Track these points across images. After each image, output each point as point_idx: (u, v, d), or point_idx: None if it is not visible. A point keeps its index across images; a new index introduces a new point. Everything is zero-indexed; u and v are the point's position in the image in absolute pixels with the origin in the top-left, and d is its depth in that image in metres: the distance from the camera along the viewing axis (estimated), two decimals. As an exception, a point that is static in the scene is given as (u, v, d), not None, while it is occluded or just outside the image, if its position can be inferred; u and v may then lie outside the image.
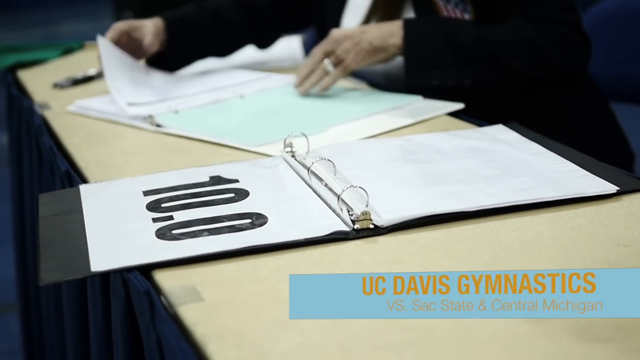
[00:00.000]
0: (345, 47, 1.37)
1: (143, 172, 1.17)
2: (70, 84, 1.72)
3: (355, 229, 0.90)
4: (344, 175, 1.03)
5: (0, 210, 3.69)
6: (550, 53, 1.39)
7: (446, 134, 1.18)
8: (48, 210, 1.04)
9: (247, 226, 0.93)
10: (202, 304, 0.78)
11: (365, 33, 1.38)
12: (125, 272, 0.87)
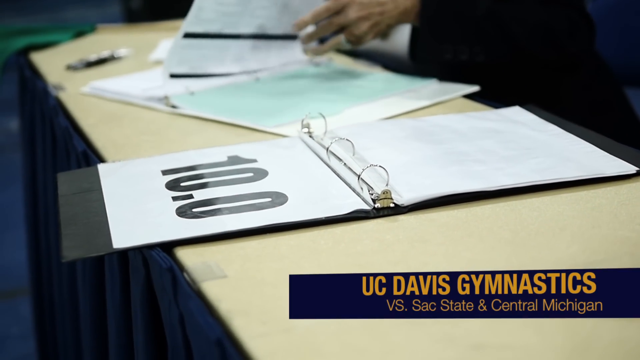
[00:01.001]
0: (363, 28, 1.36)
1: (160, 152, 1.17)
2: (84, 66, 1.72)
3: (375, 208, 0.90)
4: (363, 155, 1.03)
5: (10, 195, 3.70)
6: (561, 35, 1.38)
7: (463, 116, 1.18)
8: (67, 189, 1.04)
9: (267, 205, 0.93)
10: (225, 280, 0.78)
11: (384, 14, 1.36)
12: (146, 250, 0.87)
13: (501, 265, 0.77)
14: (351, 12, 1.35)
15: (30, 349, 2.39)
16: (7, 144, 4.54)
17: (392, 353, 0.65)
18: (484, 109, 1.25)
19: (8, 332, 2.60)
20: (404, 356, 0.65)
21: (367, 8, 1.35)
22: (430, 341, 0.66)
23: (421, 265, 0.78)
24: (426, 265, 0.78)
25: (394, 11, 1.36)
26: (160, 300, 0.91)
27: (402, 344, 0.66)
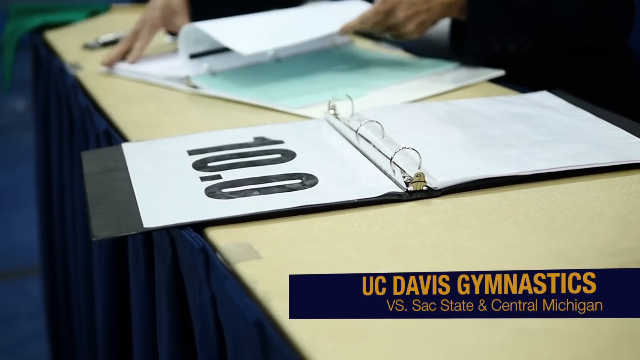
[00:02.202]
0: (410, 28, 1.33)
1: (183, 132, 1.16)
2: (100, 45, 1.71)
3: (408, 191, 0.89)
4: (392, 137, 1.02)
5: (17, 175, 3.70)
6: (605, 17, 1.36)
7: (490, 100, 1.17)
8: (92, 168, 1.03)
9: (297, 186, 0.92)
10: (260, 261, 0.77)
11: (430, 11, 1.33)
12: (176, 230, 0.86)
13: (542, 250, 0.76)
14: (399, 12, 1.32)
15: (40, 328, 2.39)
16: (13, 124, 4.53)
17: (436, 337, 0.64)
18: (510, 93, 1.24)
19: (17, 311, 2.60)
20: (448, 340, 0.64)
21: (414, 6, 1.31)
22: (473, 325, 0.65)
23: (459, 249, 0.77)
24: (464, 249, 0.77)
25: (439, 7, 1.33)
26: (189, 281, 0.90)
27: (445, 328, 0.65)
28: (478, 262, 0.75)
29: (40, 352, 2.31)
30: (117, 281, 1.22)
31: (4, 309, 2.62)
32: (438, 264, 0.75)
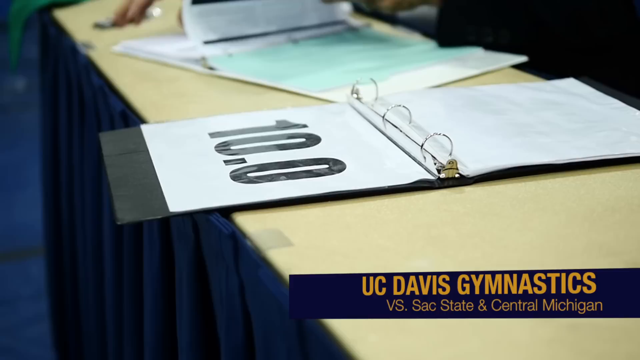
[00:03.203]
0: (385, 3, 1.32)
1: (201, 114, 1.14)
2: (111, 25, 1.68)
3: (440, 178, 0.87)
4: (419, 123, 1.00)
5: (18, 155, 3.67)
6: (590, 18, 1.33)
7: (516, 86, 1.15)
8: (112, 149, 1.00)
9: (325, 171, 0.90)
10: (292, 249, 0.75)
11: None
12: (202, 215, 0.84)
13: (584, 241, 0.74)
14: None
15: (42, 309, 2.37)
16: (12, 104, 4.50)
17: (482, 329, 0.62)
18: (534, 79, 1.22)
19: (19, 292, 2.58)
20: (495, 334, 0.61)
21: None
22: (523, 319, 0.63)
23: (496, 239, 0.75)
24: (501, 239, 0.75)
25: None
26: (213, 267, 0.87)
27: (491, 320, 0.62)
28: (517, 253, 0.73)
29: (43, 334, 2.29)
30: (131, 264, 1.20)
31: (5, 290, 2.60)
32: (476, 255, 0.72)
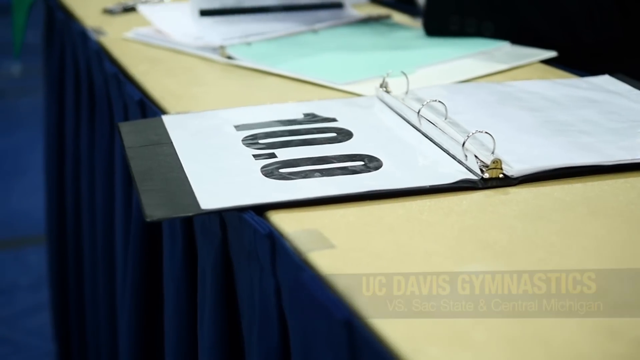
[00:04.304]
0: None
1: (223, 105, 1.10)
2: (122, 10, 1.63)
3: (483, 178, 0.83)
4: (455, 119, 0.96)
5: (15, 141, 3.61)
6: (576, 21, 1.28)
7: (550, 82, 1.11)
8: (133, 140, 0.96)
9: (360, 169, 0.86)
10: (334, 251, 0.71)
11: None
12: (234, 212, 0.80)
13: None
14: None
15: (41, 299, 2.33)
16: (9, 89, 4.44)
17: (547, 342, 0.58)
18: (565, 75, 1.18)
19: (17, 282, 2.53)
20: (560, 347, 0.58)
21: None
22: (585, 331, 0.59)
23: (549, 245, 0.71)
24: (554, 245, 0.71)
25: None
26: (242, 267, 0.83)
27: (555, 333, 0.59)
28: (573, 260, 0.69)
29: (42, 325, 2.25)
30: (148, 260, 1.16)
31: (3, 279, 2.55)
32: (532, 262, 0.68)
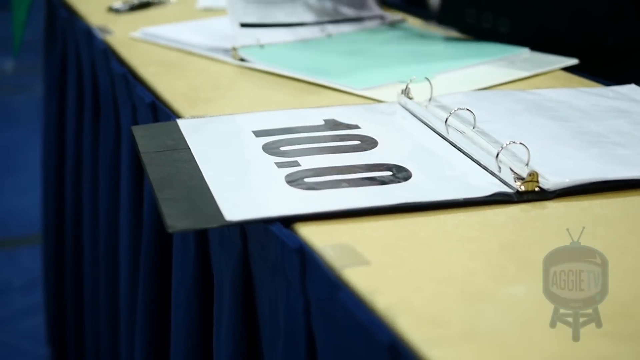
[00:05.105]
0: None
1: (239, 109, 1.06)
2: (128, 9, 1.59)
3: (518, 191, 0.79)
4: (483, 128, 0.93)
5: (7, 138, 3.56)
6: (597, 23, 1.24)
7: (576, 91, 1.07)
8: (148, 145, 0.92)
9: (389, 179, 0.82)
10: (370, 268, 0.67)
11: None
12: (259, 224, 0.76)
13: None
14: None
15: (35, 301, 2.27)
16: (1, 86, 4.38)
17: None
18: (588, 83, 1.14)
19: (9, 283, 2.48)
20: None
21: None
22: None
23: (595, 264, 0.68)
24: (602, 264, 0.68)
25: None
26: (265, 280, 0.80)
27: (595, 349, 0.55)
28: (626, 282, 0.65)
29: (35, 328, 2.20)
30: (157, 267, 1.12)
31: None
32: (579, 282, 0.65)
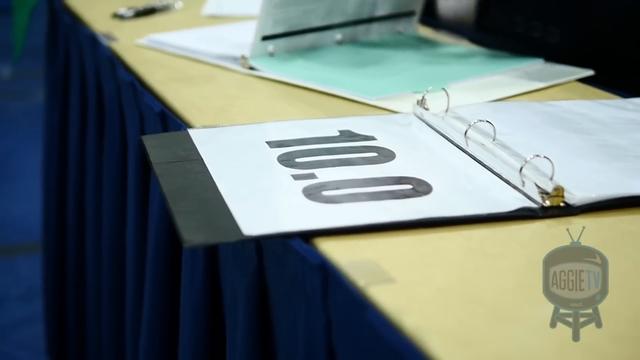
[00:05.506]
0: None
1: (250, 119, 1.04)
2: (133, 15, 1.57)
3: (543, 207, 0.77)
4: (503, 140, 0.90)
5: (4, 145, 3.53)
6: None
7: (594, 103, 1.05)
8: (160, 156, 0.90)
9: (410, 193, 0.80)
10: (396, 286, 0.65)
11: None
12: (278, 238, 0.74)
13: None
14: None
15: (33, 310, 2.25)
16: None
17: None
18: (605, 95, 1.12)
19: (7, 292, 2.45)
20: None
21: None
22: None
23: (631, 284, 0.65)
24: (628, 281, 0.65)
25: None
26: (283, 297, 0.78)
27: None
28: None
29: (34, 337, 2.17)
30: (164, 278, 1.10)
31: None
32: (614, 303, 0.63)
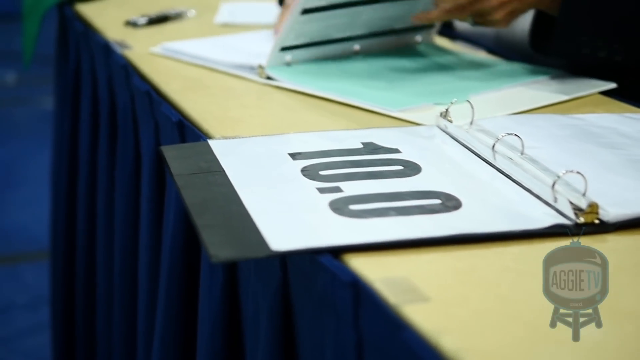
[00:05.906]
0: (499, 16, 1.15)
1: (269, 129, 1.02)
2: (146, 23, 1.55)
3: (577, 224, 0.75)
4: (530, 154, 0.89)
5: (9, 152, 3.51)
6: None
7: (620, 116, 1.03)
8: (181, 167, 0.88)
9: (439, 208, 0.78)
10: (431, 306, 0.63)
11: (523, 0, 1.17)
12: (307, 254, 0.72)
13: None
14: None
15: (39, 319, 2.23)
16: (4, 98, 4.33)
17: None
18: (630, 109, 1.10)
19: (12, 300, 2.42)
20: None
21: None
22: None
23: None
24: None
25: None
26: (309, 314, 0.76)
27: None
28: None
29: (41, 346, 2.15)
30: (179, 291, 1.08)
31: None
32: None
